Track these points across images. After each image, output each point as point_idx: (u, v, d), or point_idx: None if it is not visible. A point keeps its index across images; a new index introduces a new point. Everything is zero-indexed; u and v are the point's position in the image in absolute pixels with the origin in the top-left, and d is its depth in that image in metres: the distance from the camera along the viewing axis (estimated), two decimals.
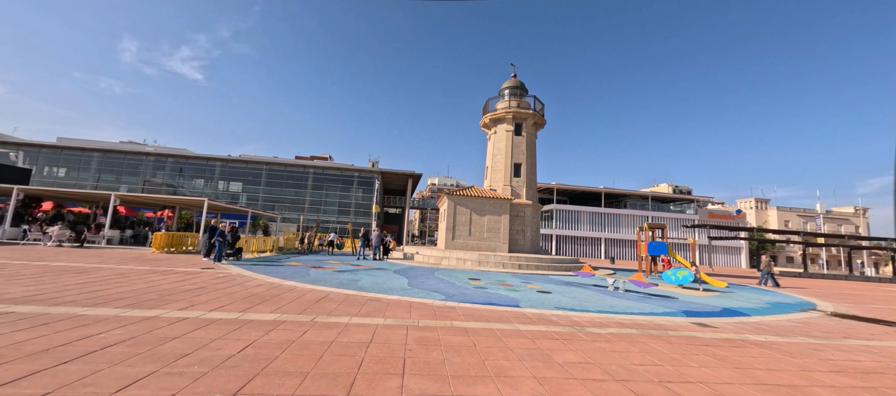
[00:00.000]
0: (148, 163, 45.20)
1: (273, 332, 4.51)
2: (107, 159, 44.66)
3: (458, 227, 18.80)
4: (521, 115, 21.89)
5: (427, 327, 5.21)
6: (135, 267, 9.69)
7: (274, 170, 47.03)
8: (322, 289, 7.89)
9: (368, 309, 6.15)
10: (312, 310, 5.84)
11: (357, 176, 47.78)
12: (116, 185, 42.75)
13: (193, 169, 46.04)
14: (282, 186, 46.80)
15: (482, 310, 6.66)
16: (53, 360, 3.24)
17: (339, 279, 9.87)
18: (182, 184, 45.35)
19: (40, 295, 5.79)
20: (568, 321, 6.24)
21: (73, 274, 8.06)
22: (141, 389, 2.81)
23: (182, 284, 7.58)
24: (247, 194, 45.36)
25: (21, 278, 7.14)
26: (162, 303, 5.71)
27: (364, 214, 46.32)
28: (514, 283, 11.15)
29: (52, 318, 4.53)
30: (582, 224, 48.67)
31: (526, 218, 20.60)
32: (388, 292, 8.07)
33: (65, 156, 44.37)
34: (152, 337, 4.04)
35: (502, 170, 21.38)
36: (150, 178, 44.35)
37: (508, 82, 23.35)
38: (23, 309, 4.88)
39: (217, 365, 3.36)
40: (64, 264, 9.56)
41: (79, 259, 10.94)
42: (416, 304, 6.86)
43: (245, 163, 46.45)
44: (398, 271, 12.74)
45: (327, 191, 47.37)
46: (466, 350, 4.23)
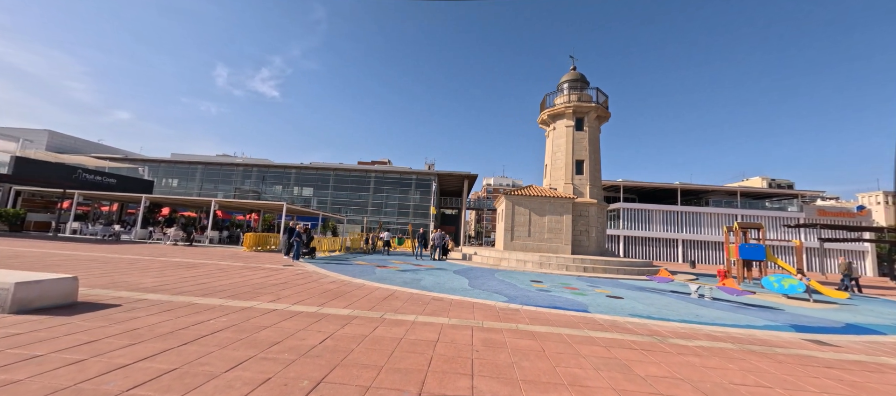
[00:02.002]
0: (238, 172, 51.76)
1: (347, 327, 4.82)
2: (207, 170, 52.12)
3: (517, 228, 18.37)
4: (582, 109, 20.71)
5: (492, 329, 5.15)
6: (231, 263, 11.11)
7: (340, 176, 50.64)
8: (388, 288, 8.26)
9: (432, 309, 6.27)
10: (381, 307, 6.13)
11: (415, 178, 49.34)
12: (214, 193, 49.71)
13: (273, 176, 51.57)
14: (347, 190, 50.19)
15: (548, 314, 6.40)
16: (177, 341, 3.83)
17: (403, 278, 10.24)
18: (265, 190, 51.07)
19: (165, 285, 6.92)
20: (646, 330, 5.71)
21: (186, 268, 9.50)
22: (244, 371, 3.19)
23: (269, 279, 8.50)
24: (317, 198, 49.51)
25: (150, 270, 8.61)
26: (254, 296, 6.45)
27: (422, 216, 47.65)
28: (579, 287, 10.55)
29: (174, 305, 5.37)
30: (653, 224, 44.42)
31: (590, 218, 19.40)
32: (449, 292, 8.16)
33: (176, 169, 52.78)
34: (249, 326, 4.57)
35: (563, 168, 20.42)
36: (240, 186, 50.71)
37: (567, 75, 22.25)
38: (153, 296, 5.87)
39: (303, 354, 3.68)
40: (179, 259, 11.32)
41: (189, 255, 12.87)
42: (478, 305, 6.83)
43: (315, 169, 50.76)
44: (458, 272, 12.84)
45: (387, 194, 49.66)
46: (535, 355, 4.09)
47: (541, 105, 23.05)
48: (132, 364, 3.16)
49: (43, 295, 4.74)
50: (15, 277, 4.67)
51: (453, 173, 47.29)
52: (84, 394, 2.60)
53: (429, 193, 47.82)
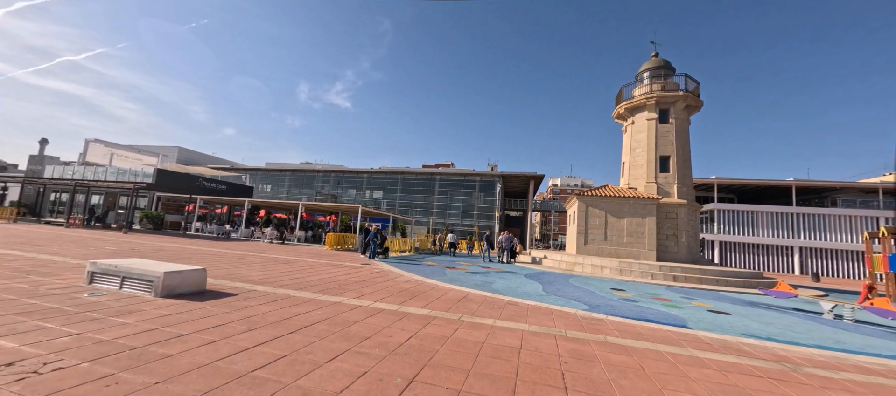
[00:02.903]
0: (318, 178, 57.27)
1: (429, 327, 4.90)
2: (293, 176, 58.64)
3: (592, 231, 17.15)
4: (666, 99, 18.58)
5: (577, 339, 4.80)
6: (317, 261, 12.22)
7: (406, 179, 52.90)
8: (461, 289, 8.28)
9: (509, 313, 6.10)
10: (457, 309, 6.14)
11: (479, 180, 49.33)
12: (299, 196, 55.69)
13: (347, 181, 55.95)
14: (413, 193, 52.20)
15: (639, 327, 5.78)
16: (285, 330, 4.27)
17: (474, 280, 10.21)
18: (340, 194, 55.66)
19: (268, 278, 7.84)
20: (769, 354, 4.82)
21: (282, 264, 10.68)
22: (343, 363, 3.40)
23: (351, 276, 9.13)
24: (386, 201, 52.41)
25: (255, 265, 9.86)
26: (341, 291, 6.96)
27: (486, 217, 47.39)
28: (672, 298, 9.41)
29: (277, 297, 6.04)
30: (759, 227, 37.90)
31: (679, 221, 17.27)
32: (523, 297, 7.89)
33: (269, 176, 60.32)
34: (341, 319, 4.91)
35: (644, 166, 18.53)
36: (320, 190, 56.02)
37: (648, 63, 20.18)
38: (260, 288, 6.68)
39: (392, 351, 3.82)
40: (275, 256, 12.80)
41: (283, 252, 14.49)
42: (557, 312, 6.46)
43: (384, 173, 53.81)
44: (529, 276, 12.41)
45: (451, 196, 50.44)
46: (634, 373, 3.69)
47: (616, 98, 21.27)
48: (253, 348, 3.58)
49: (182, 283, 5.68)
50: (163, 267, 5.68)
51: (518, 174, 46.18)
52: (220, 371, 3.00)
53: (493, 195, 47.37)
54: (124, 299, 5.06)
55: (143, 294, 5.37)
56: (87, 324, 3.90)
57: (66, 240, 12.96)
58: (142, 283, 5.47)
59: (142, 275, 5.50)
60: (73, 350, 3.18)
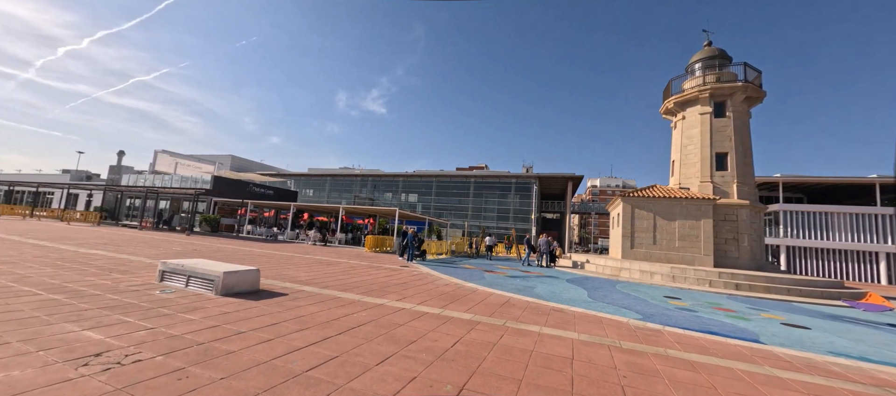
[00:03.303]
0: (356, 182, 59.33)
1: (473, 332, 4.79)
2: (333, 181, 61.23)
3: (639, 234, 16.14)
4: (722, 91, 17.11)
5: (633, 351, 4.47)
6: (358, 263, 12.55)
7: (441, 182, 53.28)
8: (501, 294, 8.09)
9: (555, 320, 5.84)
10: (500, 314, 5.98)
11: (514, 182, 48.50)
12: (339, 200, 57.98)
13: (384, 185, 57.42)
14: (448, 195, 52.43)
15: (702, 340, 5.28)
16: (333, 330, 4.37)
17: (514, 285, 9.95)
18: (377, 197, 57.23)
19: (314, 279, 8.15)
20: (866, 377, 4.18)
21: (326, 265, 11.09)
22: (391, 366, 3.40)
23: (391, 278, 9.26)
24: (422, 204, 53.11)
25: (301, 266, 10.31)
26: (383, 293, 7.05)
27: (522, 220, 46.44)
28: (737, 309, 8.56)
29: (324, 297, 6.23)
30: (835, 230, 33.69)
31: (739, 223, 15.78)
32: (568, 303, 7.54)
33: (311, 181, 63.45)
34: (386, 322, 4.95)
35: (697, 164, 17.17)
36: (358, 193, 58.00)
37: (700, 53, 18.73)
38: (308, 288, 6.94)
39: (439, 356, 3.76)
40: (319, 258, 13.33)
41: (325, 254, 15.07)
42: (607, 321, 6.09)
43: (419, 177, 54.60)
44: (572, 281, 11.90)
45: (486, 198, 50.02)
46: (705, 393, 3.34)
47: (664, 92, 19.94)
48: (305, 348, 3.68)
49: (239, 282, 6.04)
50: (222, 268, 6.07)
51: (555, 175, 44.84)
52: (277, 370, 3.10)
53: (529, 197, 46.35)
54: (190, 296, 5.46)
55: (206, 292, 5.77)
56: (159, 320, 4.23)
57: (140, 241, 14.38)
58: (204, 282, 5.89)
59: (204, 275, 5.92)
60: (149, 344, 3.45)
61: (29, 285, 5.45)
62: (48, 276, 6.20)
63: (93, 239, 13.68)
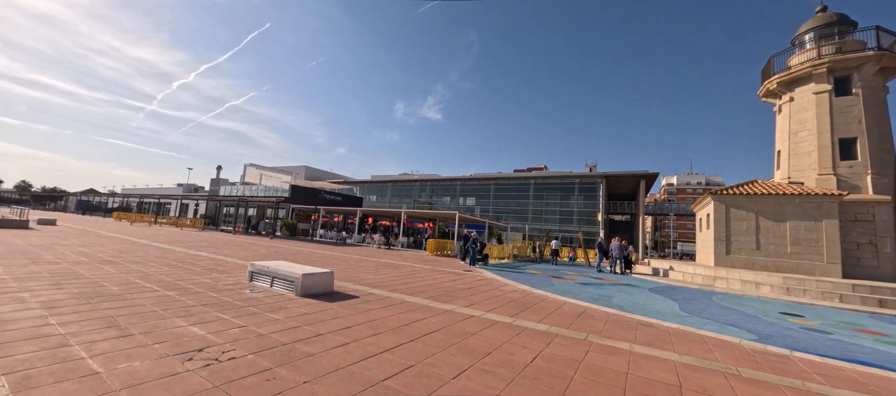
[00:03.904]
0: (415, 187, 61.12)
1: (553, 346, 4.35)
2: (394, 187, 63.87)
3: (736, 237, 13.91)
4: (846, 64, 14.08)
5: (759, 381, 3.65)
6: (422, 266, 12.66)
7: (499, 184, 52.38)
8: (576, 303, 7.43)
9: (646, 337, 5.10)
10: (579, 327, 5.42)
11: (577, 182, 45.76)
12: (400, 205, 60.25)
13: (442, 189, 58.27)
14: (506, 198, 51.35)
15: (849, 371, 4.17)
16: (405, 337, 4.27)
17: (588, 293, 9.14)
18: (435, 201, 58.26)
19: (382, 282, 8.31)
20: None
21: (391, 268, 11.34)
22: (469, 381, 3.15)
23: (456, 283, 9.10)
24: (480, 207, 52.75)
25: (369, 269, 10.67)
26: (450, 299, 6.89)
27: (587, 222, 43.53)
28: (888, 332, 6.78)
29: (393, 301, 6.25)
30: None
31: (877, 224, 12.75)
32: (657, 316, 6.62)
33: (374, 187, 66.95)
34: (457, 330, 4.74)
35: (813, 152, 14.33)
36: (417, 198, 59.67)
37: (812, 21, 15.68)
38: (377, 292, 7.06)
39: (519, 372, 3.42)
40: (385, 261, 13.74)
41: (389, 257, 15.52)
42: (713, 341, 5.16)
43: (477, 180, 54.36)
44: (655, 290, 10.61)
45: (547, 200, 47.92)
46: None
47: (763, 72, 17.08)
48: (380, 355, 3.61)
49: (316, 284, 6.33)
50: (301, 270, 6.43)
51: (624, 173, 41.31)
52: (355, 377, 3.05)
53: (594, 197, 43.34)
54: (274, 296, 5.85)
55: (287, 292, 6.14)
56: (249, 318, 4.53)
57: (233, 244, 16.26)
58: (286, 283, 6.28)
59: (286, 276, 6.32)
60: (241, 342, 3.66)
61: (150, 282, 6.32)
62: (164, 274, 7.16)
63: (198, 242, 15.80)
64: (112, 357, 3.08)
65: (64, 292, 5.16)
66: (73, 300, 4.79)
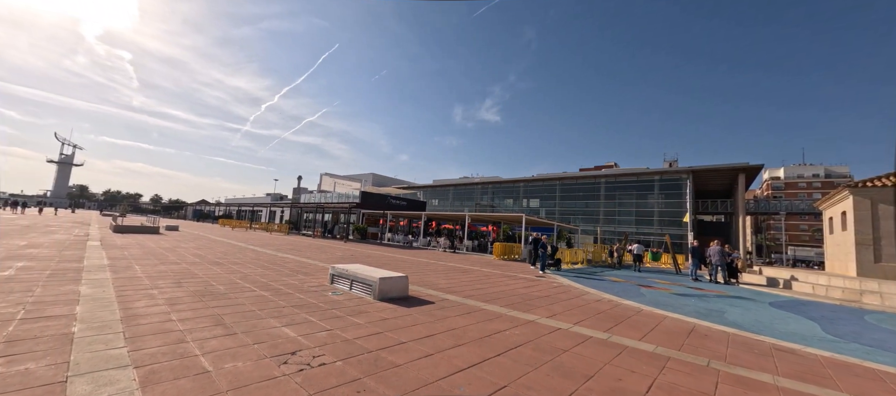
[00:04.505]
0: (476, 190, 60.86)
1: (668, 372, 3.64)
2: (456, 190, 64.41)
3: (889, 241, 10.98)
4: None
5: None
6: (491, 271, 12.24)
7: (566, 185, 49.58)
8: (679, 318, 6.37)
9: (790, 367, 4.06)
10: (694, 349, 4.54)
11: (657, 179, 41.18)
12: (462, 209, 60.51)
13: (504, 191, 57.11)
14: (574, 199, 48.36)
15: None
16: (490, 350, 3.93)
17: (691, 306, 7.86)
18: (498, 204, 57.29)
19: (453, 287, 8.11)
20: None
21: (460, 273, 11.13)
22: None
23: (531, 290, 8.51)
24: (545, 209, 50.49)
25: (438, 273, 10.58)
26: (528, 307, 6.38)
27: (669, 224, 38.85)
28: None
29: (469, 309, 5.96)
30: None
31: None
32: (793, 339, 5.33)
33: (436, 191, 68.28)
34: (546, 345, 4.26)
35: None
36: (479, 201, 59.33)
37: None
38: (452, 297, 6.84)
39: None
40: (453, 265, 13.62)
41: (456, 261, 15.38)
42: (892, 376, 3.91)
43: (541, 181, 52.18)
44: (779, 305, 8.77)
45: (620, 200, 43.96)
46: None
47: None
48: (468, 370, 3.32)
49: (392, 288, 6.33)
50: (378, 274, 6.49)
51: (718, 167, 36.08)
52: (444, 393, 2.79)
53: (679, 195, 38.61)
54: (354, 299, 5.96)
55: (366, 296, 6.23)
56: (334, 321, 4.60)
57: (314, 247, 17.60)
58: (364, 286, 6.39)
59: (364, 280, 6.43)
60: (329, 347, 3.66)
61: (248, 282, 6.92)
62: (259, 275, 7.84)
63: (284, 246, 17.41)
64: (220, 355, 3.26)
65: (183, 290, 5.84)
66: (190, 297, 5.37)
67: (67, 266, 7.34)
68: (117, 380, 2.67)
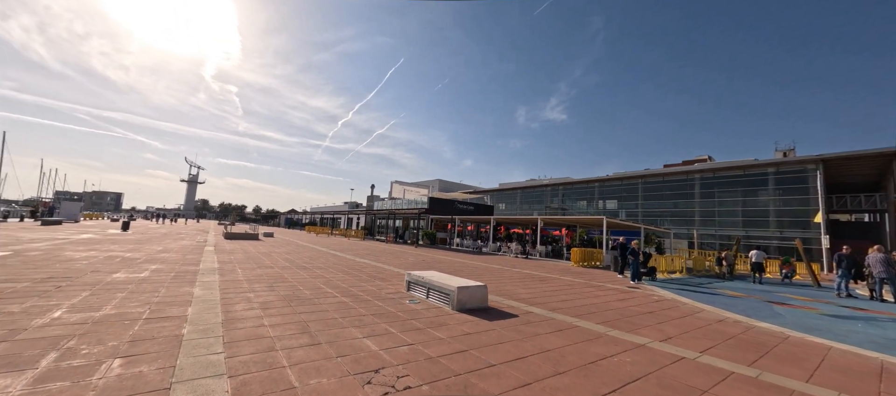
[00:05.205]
0: (546, 192, 57.96)
1: None
2: (523, 193, 62.25)
3: None
4: None
5: None
6: (572, 280, 11.11)
7: (650, 183, 44.41)
8: (853, 351, 4.78)
9: None
10: None
11: (772, 172, 34.39)
12: (530, 212, 58.18)
13: (576, 193, 53.40)
14: (660, 198, 43.04)
15: None
16: (598, 382, 3.20)
17: (859, 333, 5.96)
18: (569, 206, 53.77)
19: (535, 298, 7.37)
20: None
21: (538, 281, 10.27)
22: None
23: (627, 304, 7.35)
24: (625, 210, 45.82)
25: (515, 281, 9.88)
26: (633, 327, 5.39)
27: (790, 224, 32.05)
28: None
29: (561, 325, 5.22)
30: None
31: None
32: None
33: (503, 195, 66.80)
34: (669, 380, 3.37)
35: None
36: (549, 204, 56.38)
37: None
38: (536, 310, 6.14)
39: None
40: (528, 272, 12.74)
41: (531, 268, 14.41)
42: None
43: (620, 179, 47.55)
44: None
45: (721, 198, 37.71)
46: None
47: None
48: None
49: (471, 298, 5.89)
50: (455, 282, 6.11)
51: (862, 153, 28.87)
52: None
53: (804, 190, 31.80)
54: (432, 309, 5.65)
55: (444, 305, 5.88)
56: (415, 334, 4.30)
57: (387, 253, 18.15)
58: (441, 295, 6.06)
59: (441, 288, 6.10)
60: (413, 366, 3.33)
61: (331, 287, 7.10)
62: (340, 280, 8.06)
63: (361, 251, 18.28)
64: (305, 369, 3.12)
65: (274, 294, 6.15)
66: (280, 301, 5.59)
67: (187, 269, 8.39)
68: (212, 391, 2.64)
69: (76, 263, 8.10)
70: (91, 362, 3.00)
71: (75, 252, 10.21)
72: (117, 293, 5.50)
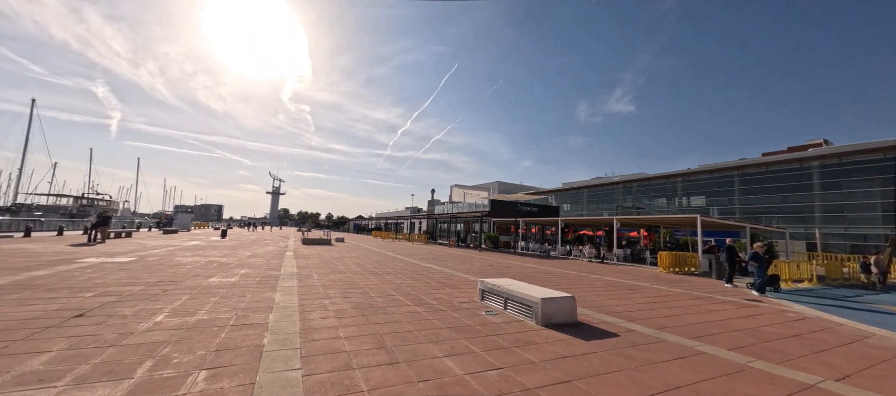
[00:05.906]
0: (617, 190, 53.20)
1: None
2: (590, 193, 57.97)
3: None
4: None
5: None
6: (668, 289, 9.53)
7: (748, 175, 38.08)
8: None
9: None
10: None
11: None
12: (599, 212, 53.85)
13: (653, 189, 48.06)
14: (762, 192, 36.61)
15: None
16: None
17: None
18: (646, 205, 48.58)
19: (630, 312, 6.28)
20: None
21: (627, 289, 8.96)
22: None
23: (757, 323, 5.88)
24: (717, 207, 39.87)
25: (598, 290, 8.72)
26: (782, 357, 4.14)
27: None
28: None
29: (677, 350, 4.20)
30: None
31: None
32: None
33: (567, 195, 63.00)
34: None
35: None
36: (621, 203, 51.60)
37: None
38: (638, 328, 5.13)
39: None
40: (610, 279, 11.34)
41: (611, 274, 12.85)
42: None
43: (709, 172, 41.60)
44: None
45: (848, 190, 30.71)
46: None
47: None
48: None
49: (557, 312, 5.12)
50: (538, 293, 5.38)
51: None
52: None
53: None
54: (513, 323, 5.01)
55: (525, 319, 5.20)
56: (501, 355, 3.70)
57: (451, 257, 17.84)
58: (522, 307, 5.38)
59: (521, 299, 5.43)
60: None
61: (401, 295, 6.84)
62: (409, 286, 7.81)
63: (425, 255, 18.24)
64: None
65: (348, 301, 6.04)
66: (354, 310, 5.42)
67: (270, 273, 8.87)
68: None
69: (182, 268, 9.04)
70: (180, 373, 2.96)
71: (183, 257, 11.56)
72: (211, 297, 5.83)
